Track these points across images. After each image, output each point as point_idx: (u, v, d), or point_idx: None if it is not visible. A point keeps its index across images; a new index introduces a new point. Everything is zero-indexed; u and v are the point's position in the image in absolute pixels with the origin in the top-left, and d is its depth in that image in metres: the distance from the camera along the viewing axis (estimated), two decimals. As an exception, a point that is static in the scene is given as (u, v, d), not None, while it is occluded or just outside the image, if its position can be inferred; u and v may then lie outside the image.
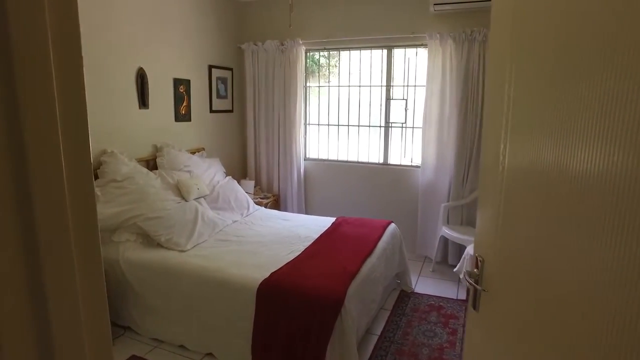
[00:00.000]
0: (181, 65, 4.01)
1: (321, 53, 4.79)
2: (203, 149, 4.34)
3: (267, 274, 2.52)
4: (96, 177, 3.10)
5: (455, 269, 3.45)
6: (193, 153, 4.13)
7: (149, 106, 3.64)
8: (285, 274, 2.52)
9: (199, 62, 4.26)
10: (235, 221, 3.67)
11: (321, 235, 3.27)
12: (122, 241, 2.98)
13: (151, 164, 3.68)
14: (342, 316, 2.30)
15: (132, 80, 3.46)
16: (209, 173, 4.01)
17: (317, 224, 3.60)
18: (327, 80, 4.89)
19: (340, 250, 2.95)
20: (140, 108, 3.56)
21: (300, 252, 2.92)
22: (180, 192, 3.48)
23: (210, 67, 4.41)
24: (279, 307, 2.38)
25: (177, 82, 3.95)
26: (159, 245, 2.98)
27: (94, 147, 3.16)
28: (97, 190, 2.99)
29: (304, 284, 2.42)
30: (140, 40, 3.50)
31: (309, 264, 2.70)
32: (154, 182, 3.35)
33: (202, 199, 3.65)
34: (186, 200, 3.44)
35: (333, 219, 3.73)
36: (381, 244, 3.17)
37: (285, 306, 2.37)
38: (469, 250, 3.26)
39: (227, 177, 4.21)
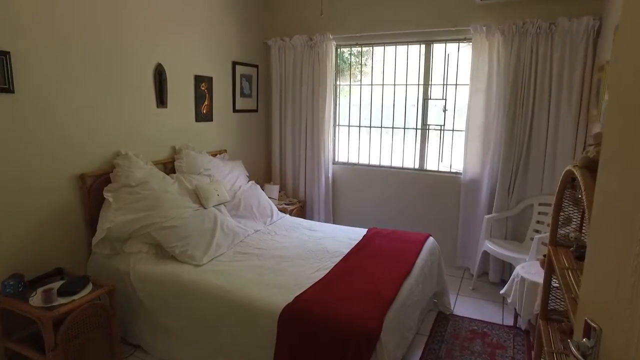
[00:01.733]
0: (203, 61, 3.75)
1: (353, 49, 4.45)
2: (225, 151, 4.08)
3: (291, 298, 2.21)
4: (109, 181, 2.87)
5: (502, 292, 3.05)
6: (214, 155, 3.87)
7: (168, 105, 3.40)
8: (311, 299, 2.21)
9: (222, 58, 4.00)
10: (257, 231, 3.38)
11: (352, 250, 2.94)
12: (133, 252, 2.74)
13: (169, 167, 3.44)
14: (377, 352, 1.96)
15: (149, 77, 3.22)
16: (230, 177, 3.75)
17: (347, 236, 3.27)
18: (358, 79, 4.55)
19: (374, 269, 2.61)
20: (158, 107, 3.32)
21: (328, 270, 2.60)
22: (198, 198, 3.22)
23: (235, 63, 4.15)
24: (305, 337, 2.07)
25: (199, 80, 3.70)
26: (173, 258, 2.71)
27: (107, 148, 2.93)
28: (109, 196, 2.75)
29: (334, 311, 2.09)
30: (159, 34, 3.26)
31: (338, 285, 2.38)
32: (171, 187, 3.10)
33: (222, 205, 3.38)
34: (205, 208, 3.18)
35: (364, 231, 3.39)
36: (419, 261, 2.81)
37: (312, 337, 2.05)
38: (520, 271, 2.85)
39: (250, 182, 3.93)
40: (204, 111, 3.81)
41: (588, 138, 3.25)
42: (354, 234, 3.31)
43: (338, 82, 4.52)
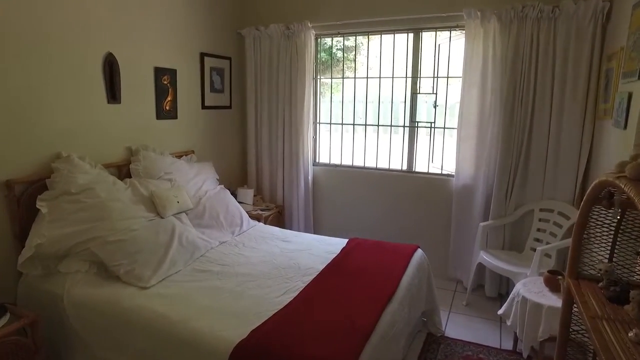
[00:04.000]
0: (164, 51, 3.34)
1: (334, 39, 4.06)
2: (192, 151, 3.67)
3: (246, 332, 1.81)
4: (45, 189, 2.45)
5: (500, 312, 2.68)
6: (179, 157, 3.46)
7: (122, 100, 2.98)
8: (271, 333, 1.81)
9: (188, 48, 3.58)
10: (223, 242, 2.98)
11: (328, 266, 2.55)
12: (70, 272, 2.33)
13: (124, 171, 3.03)
14: (349, 403, 1.58)
15: (97, 69, 2.81)
16: (196, 181, 3.34)
17: (324, 249, 2.88)
18: (341, 74, 4.16)
19: (351, 290, 2.22)
20: (109, 102, 2.90)
21: (297, 293, 2.20)
22: (155, 206, 2.81)
23: (203, 55, 3.73)
24: (260, 384, 1.68)
25: (159, 72, 3.29)
26: (118, 279, 2.30)
27: (42, 150, 2.52)
28: (43, 206, 2.34)
29: (295, 351, 1.70)
30: (109, 18, 2.84)
31: (306, 314, 1.99)
32: (122, 194, 2.69)
33: (184, 214, 2.98)
34: (162, 217, 2.78)
35: (344, 242, 3.00)
36: (405, 279, 2.43)
37: (268, 384, 1.66)
38: (521, 290, 2.48)
39: (219, 187, 3.52)
40: (167, 108, 3.40)
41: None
42: (332, 246, 2.92)
43: (319, 76, 4.12)
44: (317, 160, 4.21)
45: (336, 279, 2.38)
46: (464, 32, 3.26)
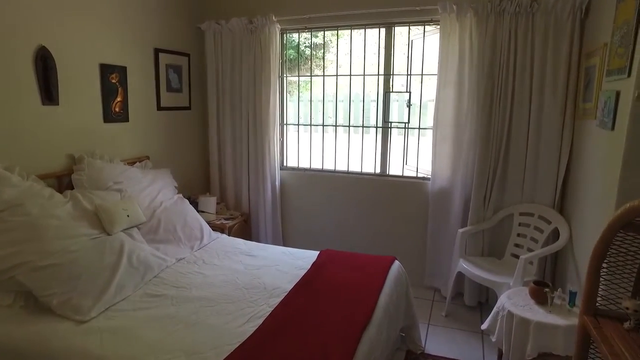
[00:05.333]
0: (112, 46, 2.99)
1: (301, 34, 3.80)
2: (147, 157, 3.33)
3: (201, 376, 1.53)
4: (-37, 206, 2.08)
5: (483, 327, 2.50)
6: (131, 164, 3.12)
7: (60, 102, 2.62)
8: (230, 377, 1.54)
9: (139, 44, 3.24)
10: (180, 259, 2.67)
11: (297, 285, 2.29)
12: (-8, 305, 1.97)
13: (65, 182, 2.67)
14: None
15: (27, 65, 2.44)
16: (150, 191, 3.01)
17: (293, 263, 2.63)
18: (309, 71, 3.91)
19: (323, 316, 1.97)
20: (44, 104, 2.54)
21: (262, 320, 1.94)
22: (101, 221, 2.47)
23: (158, 51, 3.40)
24: None
25: (106, 70, 2.94)
26: (51, 312, 1.97)
27: (-41, 161, 2.14)
28: (-42, 227, 1.98)
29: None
30: (40, 6, 2.48)
31: (272, 348, 1.72)
32: (60, 209, 2.34)
33: (135, 229, 2.65)
34: (108, 234, 2.44)
35: (315, 254, 2.75)
36: (383, 298, 2.20)
37: None
38: (506, 304, 2.30)
39: (177, 196, 3.20)
40: (116, 109, 3.05)
41: None
42: (302, 260, 2.66)
43: (285, 74, 3.85)
44: (284, 164, 3.94)
45: (307, 300, 2.12)
46: (438, 27, 3.07)
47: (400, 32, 3.40)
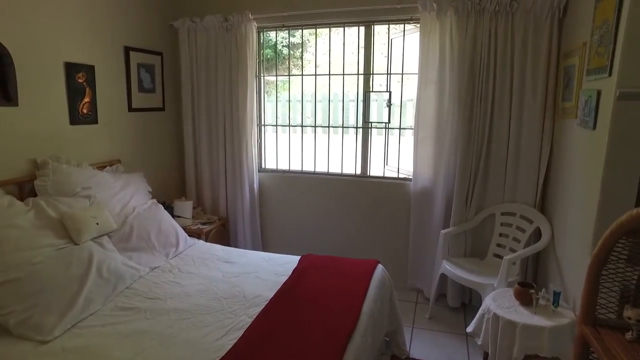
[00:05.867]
0: (78, 44, 2.83)
1: (279, 32, 3.70)
2: (118, 161, 3.17)
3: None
4: None
5: (469, 330, 2.46)
6: (102, 168, 2.96)
7: (19, 102, 2.45)
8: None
9: (108, 41, 3.08)
10: (155, 268, 2.54)
11: (278, 293, 2.19)
12: (-55, 326, 1.81)
13: (27, 189, 2.50)
14: None
15: (-18, 63, 2.27)
16: (122, 196, 2.86)
17: (274, 270, 2.53)
18: (287, 71, 3.82)
19: (306, 326, 1.89)
20: (1, 105, 2.36)
21: (242, 332, 1.84)
22: (67, 230, 2.32)
23: (128, 49, 3.24)
24: None
25: (73, 68, 2.77)
26: (8, 333, 1.81)
27: None
28: None
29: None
30: (-3, 2, 2.31)
31: (253, 363, 1.63)
32: (20, 218, 2.18)
33: (106, 237, 2.50)
34: (76, 244, 2.29)
35: (296, 260, 2.66)
36: (367, 304, 2.13)
37: None
38: (491, 306, 2.27)
39: (150, 201, 3.06)
40: (84, 110, 2.89)
41: None
42: (282, 266, 2.57)
43: (262, 74, 3.75)
44: (263, 166, 3.84)
45: (288, 309, 2.03)
46: (418, 26, 3.03)
47: (379, 31, 3.35)
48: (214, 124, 3.68)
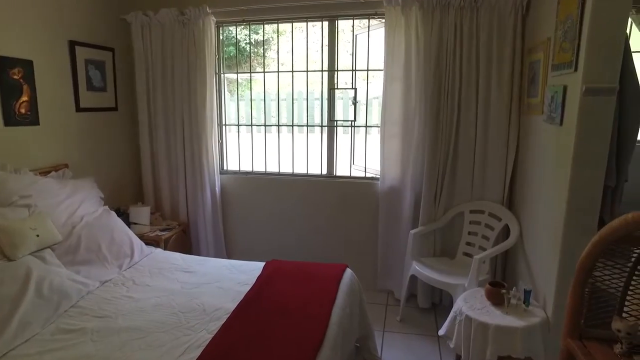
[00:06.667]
0: (12, 36, 2.57)
1: (240, 28, 3.53)
2: (65, 165, 2.92)
3: None
4: None
5: (441, 333, 2.40)
6: (46, 174, 2.71)
7: (-56, 102, 2.18)
8: None
9: (50, 35, 2.83)
10: (106, 282, 2.33)
11: (240, 305, 2.05)
12: None
13: (-45, 198, 2.23)
14: None
15: None
16: (69, 204, 2.62)
17: (236, 278, 2.38)
18: (249, 68, 3.65)
19: (270, 340, 1.75)
20: None
21: (200, 351, 1.68)
22: (0, 245, 2.08)
23: (74, 44, 2.99)
24: None
25: (6, 64, 2.51)
26: None
27: None
28: None
29: None
30: None
31: (212, 386, 1.48)
32: (-54, 232, 1.93)
33: (49, 250, 2.27)
34: (10, 259, 2.05)
35: (260, 266, 2.52)
36: (336, 312, 2.02)
37: None
38: (463, 307, 2.21)
39: (102, 208, 2.83)
40: (21, 110, 2.63)
41: None
42: (245, 274, 2.42)
43: (222, 71, 3.57)
44: (224, 168, 3.66)
45: (251, 322, 1.89)
46: (383, 21, 2.95)
47: (344, 29, 3.25)
48: (172, 124, 3.47)
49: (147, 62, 3.42)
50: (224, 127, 3.61)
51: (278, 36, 3.47)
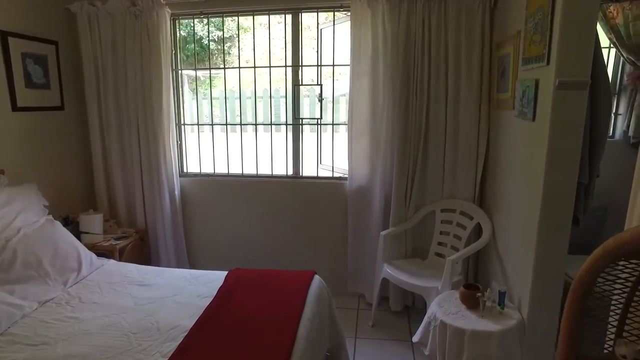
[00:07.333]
0: None
1: (199, 23, 3.32)
2: (1, 171, 2.63)
3: None
4: None
5: (415, 339, 2.29)
6: (-23, 180, 2.42)
7: None
8: None
9: (-21, 26, 2.53)
10: (47, 301, 2.09)
11: (200, 321, 1.86)
12: None
13: None
14: None
15: None
16: (3, 215, 2.35)
17: (196, 291, 2.19)
18: (209, 64, 3.44)
19: (233, 359, 1.59)
20: None
21: (153, 378, 1.49)
22: None
23: (6, 34, 2.69)
24: None
25: None
26: None
27: None
28: None
29: None
30: None
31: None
32: None
33: (-22, 268, 2.01)
34: None
35: (223, 276, 2.33)
36: (304, 325, 1.87)
37: None
38: (437, 312, 2.12)
39: (45, 218, 2.56)
40: (-53, 110, 2.33)
41: None
42: (206, 286, 2.23)
43: (180, 68, 3.34)
44: (185, 170, 3.44)
45: (211, 341, 1.72)
46: (349, 14, 2.81)
47: (310, 25, 3.10)
48: (126, 124, 3.22)
49: (96, 57, 3.15)
50: (182, 126, 3.39)
51: (238, 30, 3.28)
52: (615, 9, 2.64)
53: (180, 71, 3.34)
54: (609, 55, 2.88)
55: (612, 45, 2.76)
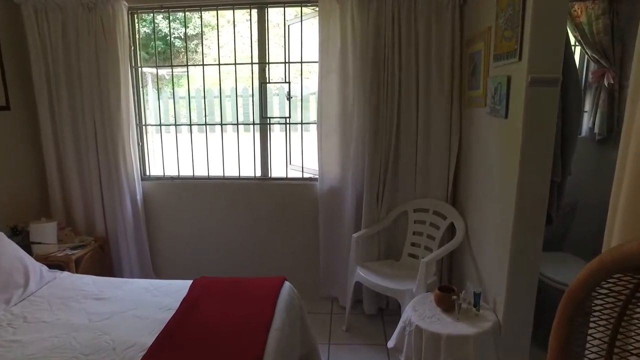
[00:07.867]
0: None
1: (157, 15, 3.14)
2: (-63, 178, 2.39)
3: None
4: None
5: (390, 345, 2.22)
6: None
7: None
8: None
9: None
10: (-12, 320, 1.89)
11: (160, 337, 1.72)
12: None
13: None
14: None
15: None
16: (-60, 226, 2.12)
17: (158, 303, 2.04)
18: (170, 61, 3.27)
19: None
20: None
21: (105, 406, 1.35)
22: None
23: (-56, 30, 2.46)
24: None
25: None
26: None
27: None
28: None
29: None
30: None
31: None
32: None
33: None
34: None
35: (187, 286, 2.19)
36: (274, 335, 1.76)
37: None
38: (412, 317, 2.05)
39: (-13, 228, 2.35)
40: None
41: None
42: (169, 297, 2.09)
43: (140, 65, 3.15)
44: (147, 174, 3.26)
45: (172, 358, 1.58)
46: (317, 9, 2.72)
47: (278, 23, 2.99)
48: (82, 124, 3.01)
49: (45, 54, 2.93)
50: (143, 127, 3.20)
51: (202, 25, 3.12)
52: (579, 7, 2.66)
53: (140, 69, 3.16)
54: (575, 54, 2.90)
55: (577, 44, 2.78)
